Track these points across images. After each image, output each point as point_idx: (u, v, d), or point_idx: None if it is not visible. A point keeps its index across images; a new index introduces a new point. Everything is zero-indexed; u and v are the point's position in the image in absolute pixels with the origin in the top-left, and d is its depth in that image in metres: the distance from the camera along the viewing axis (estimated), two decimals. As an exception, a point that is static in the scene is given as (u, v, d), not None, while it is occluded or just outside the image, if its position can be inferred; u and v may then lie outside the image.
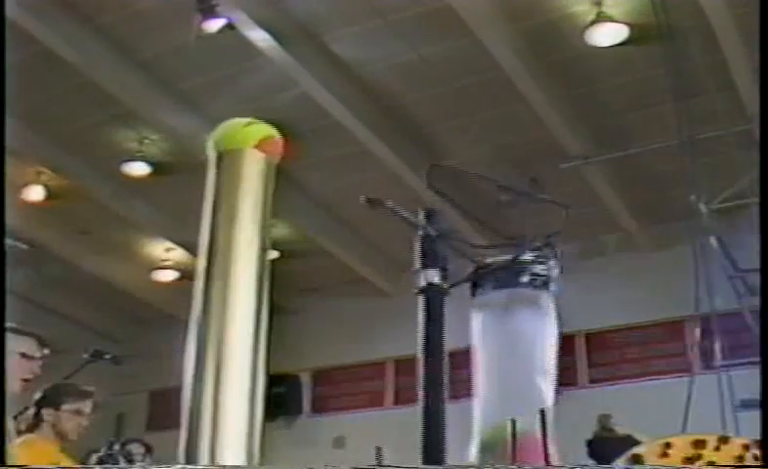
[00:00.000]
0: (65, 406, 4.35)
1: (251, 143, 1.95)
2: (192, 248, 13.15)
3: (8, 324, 2.65)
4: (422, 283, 2.02)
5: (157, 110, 9.36)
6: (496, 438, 1.99)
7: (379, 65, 8.80)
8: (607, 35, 7.93)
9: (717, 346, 9.90)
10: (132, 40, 8.53)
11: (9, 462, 3.43)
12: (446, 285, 2.03)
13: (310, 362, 13.74)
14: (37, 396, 4.36)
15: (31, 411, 4.34)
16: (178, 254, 12.33)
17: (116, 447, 5.02)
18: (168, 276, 12.69)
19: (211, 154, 1.95)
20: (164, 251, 12.43)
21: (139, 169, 10.18)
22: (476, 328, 2.03)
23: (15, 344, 3.63)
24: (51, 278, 12.18)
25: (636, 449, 2.36)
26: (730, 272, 9.28)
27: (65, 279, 12.42)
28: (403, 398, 12.97)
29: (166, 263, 12.58)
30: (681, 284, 10.16)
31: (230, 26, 7.98)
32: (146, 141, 9.96)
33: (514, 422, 1.96)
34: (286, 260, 12.13)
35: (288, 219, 11.30)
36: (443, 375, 1.98)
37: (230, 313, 1.86)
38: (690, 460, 2.30)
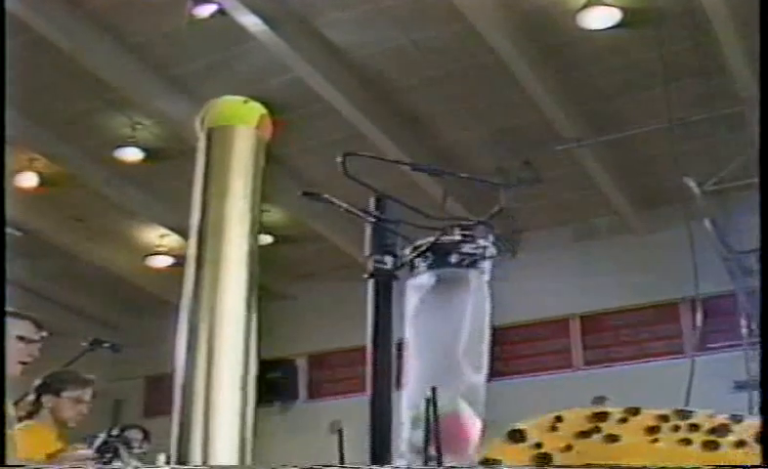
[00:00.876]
0: (66, 394, 4.40)
1: (253, 121, 1.96)
2: (186, 234, 13.22)
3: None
4: (371, 269, 2.06)
5: (150, 96, 9.34)
6: (421, 418, 1.95)
7: (372, 50, 8.81)
8: (599, 19, 7.95)
9: (707, 327, 10.00)
10: (124, 25, 8.51)
11: (8, 450, 3.47)
12: (393, 270, 2.06)
13: (306, 347, 13.78)
14: (37, 382, 4.40)
15: (31, 397, 4.37)
16: (172, 240, 12.34)
17: (114, 433, 5.05)
18: (163, 261, 12.69)
19: (201, 131, 1.98)
20: (158, 237, 12.44)
21: (132, 155, 10.17)
22: (408, 311, 2.03)
23: (12, 327, 3.65)
24: (45, 266, 12.19)
25: (519, 424, 2.23)
26: (724, 254, 9.34)
27: (60, 266, 12.44)
28: (399, 381, 13.03)
29: (160, 249, 12.59)
30: (675, 267, 10.25)
31: (221, 11, 7.98)
32: (138, 126, 9.94)
33: (428, 400, 1.95)
34: (281, 245, 12.17)
35: (282, 204, 11.32)
36: (391, 362, 2.01)
37: (221, 293, 1.85)
38: (585, 434, 2.18)
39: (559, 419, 2.20)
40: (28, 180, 10.59)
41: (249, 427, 1.82)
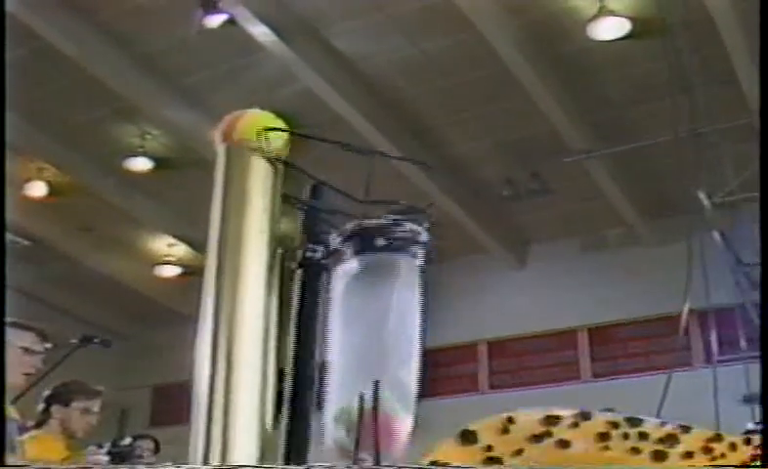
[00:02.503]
0: (75, 404, 4.39)
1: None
2: (194, 244, 13.25)
3: (9, 319, 2.66)
4: (300, 259, 2.00)
5: (159, 106, 9.38)
6: (344, 415, 1.87)
7: (380, 60, 8.81)
8: (609, 29, 7.95)
9: (716, 340, 9.93)
10: (133, 35, 8.55)
11: (17, 458, 3.45)
12: (322, 260, 2.00)
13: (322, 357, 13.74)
14: (47, 393, 4.40)
15: (40, 407, 4.37)
16: (181, 250, 12.36)
17: (124, 442, 5.03)
18: (171, 271, 12.72)
19: (219, 144, 1.98)
20: (167, 247, 12.46)
21: (141, 164, 10.21)
22: (334, 299, 1.94)
23: (16, 338, 3.64)
24: (53, 275, 12.21)
25: (470, 425, 2.12)
26: (733, 266, 9.28)
27: (68, 276, 12.45)
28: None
29: (169, 258, 12.61)
30: (684, 279, 10.18)
31: (231, 21, 8.00)
32: (147, 136, 9.99)
33: (362, 398, 1.87)
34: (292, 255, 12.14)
35: (292, 214, 11.30)
36: (313, 357, 1.94)
37: (240, 305, 1.86)
38: (537, 438, 2.11)
39: (511, 421, 2.15)
40: (37, 189, 10.62)
41: (269, 435, 1.82)
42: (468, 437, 2.17)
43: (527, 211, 11.40)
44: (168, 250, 12.52)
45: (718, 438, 2.03)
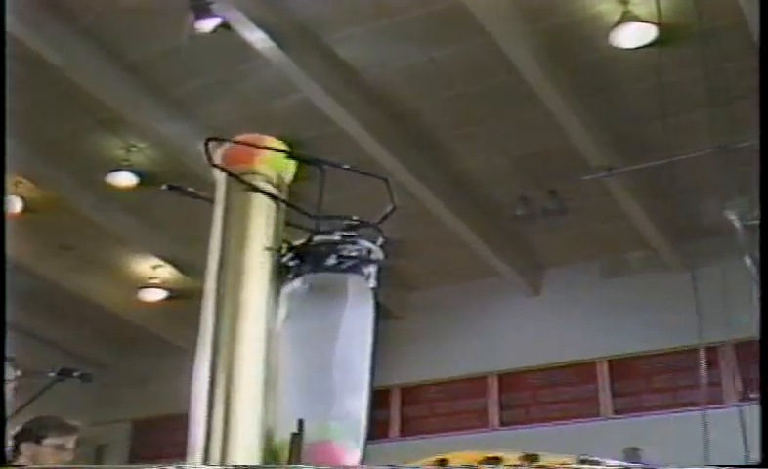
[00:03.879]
0: (47, 441, 4.36)
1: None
2: (181, 265, 13.20)
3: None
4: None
5: (146, 117, 9.41)
6: (283, 444, 1.87)
7: (386, 69, 8.85)
8: (633, 36, 7.96)
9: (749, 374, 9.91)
10: (120, 41, 8.59)
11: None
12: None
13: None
14: (17, 429, 4.36)
15: (9, 445, 4.30)
16: (166, 271, 12.36)
17: None
18: (155, 295, 12.73)
19: (219, 173, 2.01)
20: (151, 268, 12.48)
21: (125, 179, 10.22)
22: (277, 323, 1.97)
23: None
24: (27, 298, 12.19)
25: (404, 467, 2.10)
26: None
27: (43, 299, 12.44)
28: (407, 428, 12.98)
29: (153, 281, 12.62)
30: (713, 307, 10.17)
31: (225, 26, 8.02)
32: (133, 149, 10.02)
33: (300, 426, 1.89)
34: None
35: (290, 231, 11.32)
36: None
37: (240, 337, 1.89)
38: None
39: (443, 463, 2.15)
40: (11, 204, 10.61)
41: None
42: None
43: (542, 232, 11.40)
44: (153, 272, 12.54)
45: None
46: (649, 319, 11.32)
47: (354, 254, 1.97)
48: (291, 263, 1.96)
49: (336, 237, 1.98)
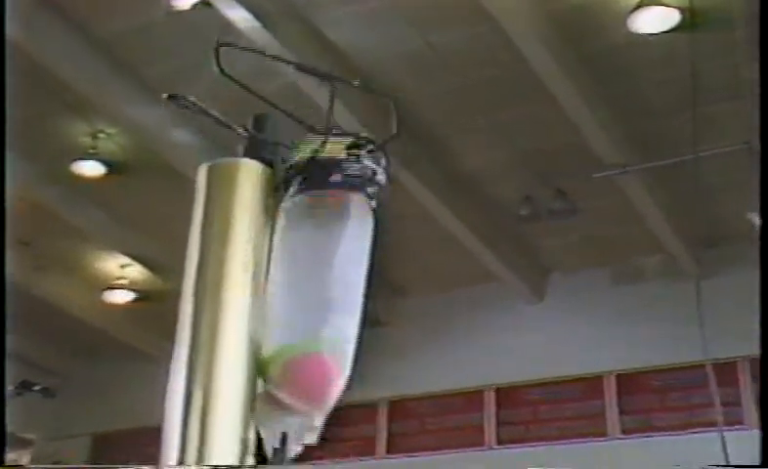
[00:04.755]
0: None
1: None
2: (151, 264, 13.11)
3: None
4: None
5: (116, 100, 9.31)
6: (275, 358, 2.00)
7: (381, 54, 8.79)
8: (654, 21, 7.91)
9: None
10: (89, 17, 8.49)
11: None
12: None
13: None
14: None
15: None
16: (135, 271, 12.29)
17: None
18: (122, 297, 12.66)
19: (201, 166, 2.03)
20: (119, 267, 12.40)
21: (92, 169, 10.13)
22: (276, 235, 2.08)
23: None
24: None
25: None
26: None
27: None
28: (395, 446, 12.95)
29: (121, 282, 12.55)
30: (734, 318, 10.17)
31: (205, 2, 7.96)
32: (101, 135, 9.92)
33: (283, 439, 2.02)
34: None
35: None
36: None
37: (220, 346, 1.91)
38: None
39: None
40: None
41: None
42: None
43: (548, 234, 11.39)
44: (120, 271, 12.47)
45: None
46: (663, 330, 11.31)
47: (358, 173, 2.08)
48: (294, 178, 2.07)
49: (342, 155, 2.08)
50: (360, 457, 12.80)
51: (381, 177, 2.10)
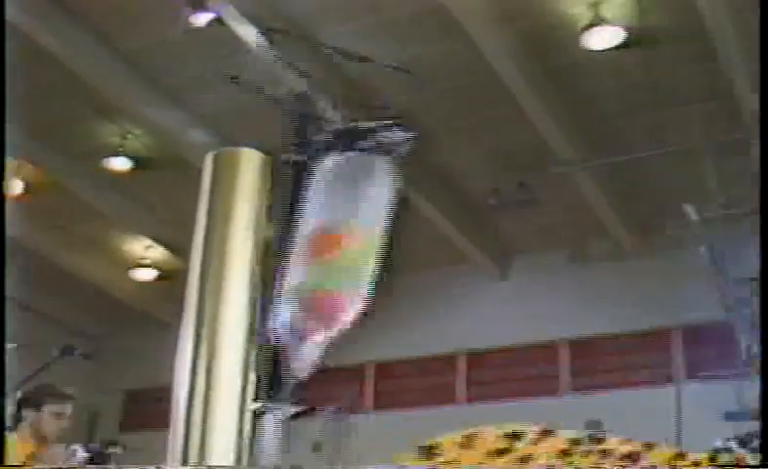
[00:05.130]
0: (46, 408, 4.38)
1: None
2: (173, 247, 12.99)
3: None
4: (287, 159, 2.22)
5: (141, 105, 9.19)
6: (303, 291, 2.06)
7: (371, 65, 8.66)
8: (603, 39, 7.86)
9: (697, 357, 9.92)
10: (118, 31, 8.37)
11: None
12: (307, 159, 2.26)
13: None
14: (18, 396, 4.41)
15: (11, 410, 4.35)
16: (158, 253, 12.15)
17: (95, 447, 5.00)
18: (147, 274, 12.51)
19: (207, 155, 2.04)
20: (144, 249, 12.24)
21: (121, 164, 10.01)
22: (314, 190, 2.17)
23: None
24: (24, 273, 11.92)
25: (433, 439, 2.35)
26: (720, 283, 9.24)
27: (40, 275, 12.18)
28: (381, 402, 12.86)
29: (145, 261, 12.39)
30: (669, 294, 10.16)
31: (219, 21, 7.82)
32: (129, 136, 9.79)
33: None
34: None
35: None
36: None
37: (223, 313, 1.96)
38: (499, 453, 2.28)
39: (473, 437, 2.36)
40: (14, 186, 10.41)
41: (247, 440, 1.90)
42: (430, 451, 2.31)
43: (513, 221, 11.32)
44: (145, 253, 12.31)
45: (681, 456, 2.10)
46: (609, 304, 11.29)
47: (388, 140, 2.26)
48: (330, 142, 2.22)
49: (375, 124, 2.27)
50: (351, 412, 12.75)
51: (405, 147, 2.28)
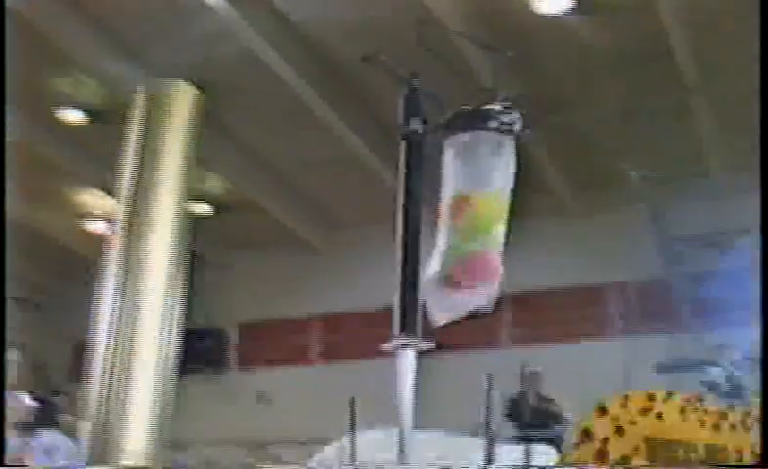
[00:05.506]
0: None
1: None
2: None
3: None
4: (405, 130, 2.51)
5: (95, 56, 9.05)
6: (450, 256, 2.46)
7: (326, 24, 8.70)
8: (552, 3, 8.01)
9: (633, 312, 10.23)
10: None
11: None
12: (424, 133, 2.56)
13: (238, 317, 13.68)
14: None
15: None
16: (111, 204, 12.03)
17: (40, 396, 4.98)
18: (99, 225, 12.39)
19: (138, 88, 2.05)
20: (96, 201, 12.12)
21: (73, 116, 9.91)
22: (445, 162, 2.53)
23: None
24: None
25: (603, 403, 3.05)
26: (660, 241, 9.53)
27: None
28: (329, 354, 13.03)
29: (97, 212, 12.27)
30: (609, 250, 10.43)
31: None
32: (81, 87, 9.64)
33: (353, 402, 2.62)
34: (219, 214, 12.01)
35: (222, 173, 11.19)
36: (419, 224, 2.47)
37: (147, 260, 2.00)
38: (644, 411, 2.97)
39: (627, 398, 3.11)
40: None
41: (170, 393, 1.93)
42: (602, 410, 3.15)
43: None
44: (97, 204, 12.19)
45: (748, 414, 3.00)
46: (549, 259, 11.49)
47: (508, 120, 2.52)
48: (456, 122, 2.52)
49: (498, 107, 2.54)
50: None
51: (519, 126, 2.52)
